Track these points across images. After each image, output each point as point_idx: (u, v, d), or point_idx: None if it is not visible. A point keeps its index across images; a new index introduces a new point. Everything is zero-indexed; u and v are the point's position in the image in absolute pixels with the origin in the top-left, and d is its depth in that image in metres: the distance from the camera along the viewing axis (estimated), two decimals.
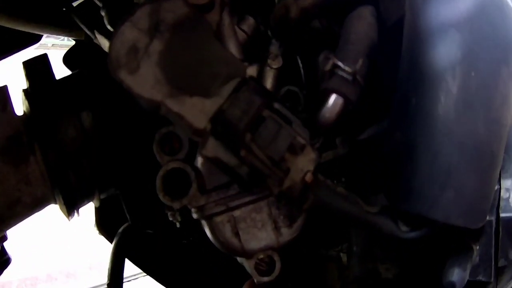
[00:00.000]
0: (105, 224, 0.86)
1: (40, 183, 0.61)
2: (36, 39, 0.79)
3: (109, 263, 0.80)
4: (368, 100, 0.65)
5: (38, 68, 0.64)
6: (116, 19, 0.60)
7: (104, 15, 0.72)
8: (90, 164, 0.63)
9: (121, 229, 0.81)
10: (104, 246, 0.96)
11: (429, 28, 0.52)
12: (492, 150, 0.54)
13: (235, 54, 0.59)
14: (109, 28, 0.71)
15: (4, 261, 0.73)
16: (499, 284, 0.65)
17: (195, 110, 0.51)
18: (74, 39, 0.86)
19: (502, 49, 0.54)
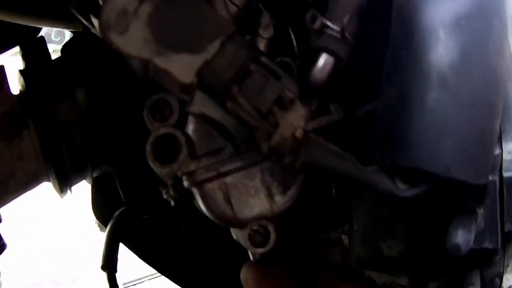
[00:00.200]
0: (100, 209, 0.85)
1: (33, 158, 0.61)
2: (35, 33, 0.80)
3: (104, 246, 0.78)
4: (362, 69, 0.64)
5: (34, 49, 0.65)
6: None
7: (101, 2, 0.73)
8: (83, 140, 0.63)
9: (116, 213, 0.80)
10: None
11: None
12: (489, 100, 0.52)
13: None
14: None
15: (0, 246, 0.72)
16: (508, 252, 0.62)
17: (182, 66, 0.51)
18: (72, 31, 0.88)
19: (493, 0, 0.54)
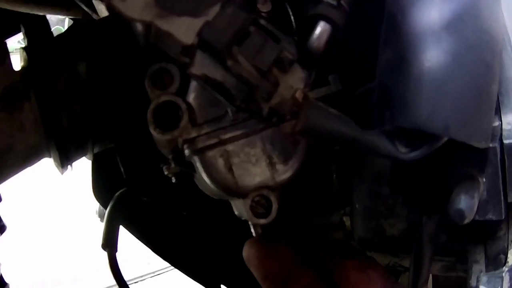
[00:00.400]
0: (101, 190, 0.84)
1: (34, 130, 0.61)
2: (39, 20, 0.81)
3: (104, 226, 0.77)
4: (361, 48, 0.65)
5: (36, 26, 0.66)
6: None
7: None
8: (84, 113, 0.63)
9: (117, 193, 0.79)
10: None
11: None
12: (486, 60, 0.52)
13: None
14: None
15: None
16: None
17: (183, 28, 0.52)
18: (72, 18, 0.90)
19: None
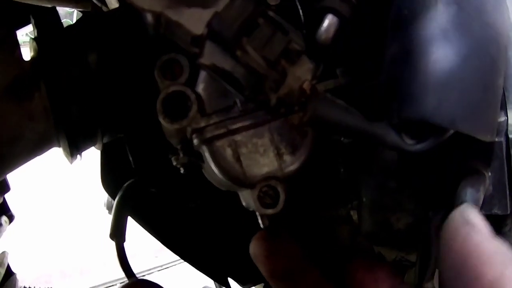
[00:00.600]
0: (109, 180, 0.85)
1: (43, 118, 0.62)
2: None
3: (112, 216, 0.78)
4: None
5: (47, 17, 0.66)
6: None
7: None
8: (94, 103, 0.64)
9: (125, 184, 0.80)
10: None
11: None
12: (491, 54, 0.53)
13: None
14: None
15: (8, 217, 0.72)
16: None
17: (193, 18, 0.53)
18: (81, 11, 0.90)
19: None
